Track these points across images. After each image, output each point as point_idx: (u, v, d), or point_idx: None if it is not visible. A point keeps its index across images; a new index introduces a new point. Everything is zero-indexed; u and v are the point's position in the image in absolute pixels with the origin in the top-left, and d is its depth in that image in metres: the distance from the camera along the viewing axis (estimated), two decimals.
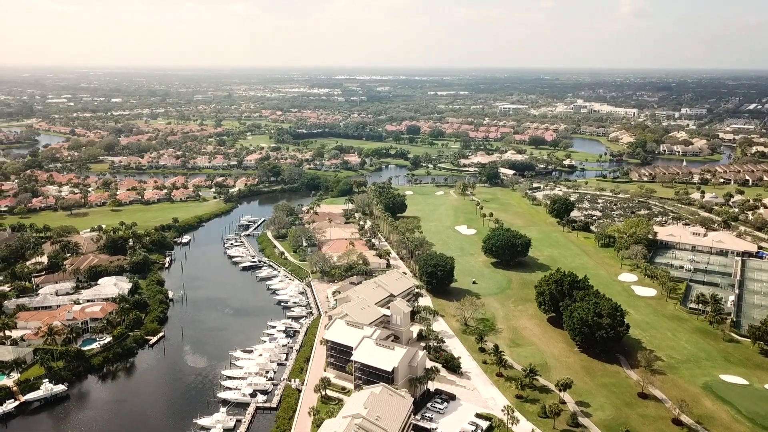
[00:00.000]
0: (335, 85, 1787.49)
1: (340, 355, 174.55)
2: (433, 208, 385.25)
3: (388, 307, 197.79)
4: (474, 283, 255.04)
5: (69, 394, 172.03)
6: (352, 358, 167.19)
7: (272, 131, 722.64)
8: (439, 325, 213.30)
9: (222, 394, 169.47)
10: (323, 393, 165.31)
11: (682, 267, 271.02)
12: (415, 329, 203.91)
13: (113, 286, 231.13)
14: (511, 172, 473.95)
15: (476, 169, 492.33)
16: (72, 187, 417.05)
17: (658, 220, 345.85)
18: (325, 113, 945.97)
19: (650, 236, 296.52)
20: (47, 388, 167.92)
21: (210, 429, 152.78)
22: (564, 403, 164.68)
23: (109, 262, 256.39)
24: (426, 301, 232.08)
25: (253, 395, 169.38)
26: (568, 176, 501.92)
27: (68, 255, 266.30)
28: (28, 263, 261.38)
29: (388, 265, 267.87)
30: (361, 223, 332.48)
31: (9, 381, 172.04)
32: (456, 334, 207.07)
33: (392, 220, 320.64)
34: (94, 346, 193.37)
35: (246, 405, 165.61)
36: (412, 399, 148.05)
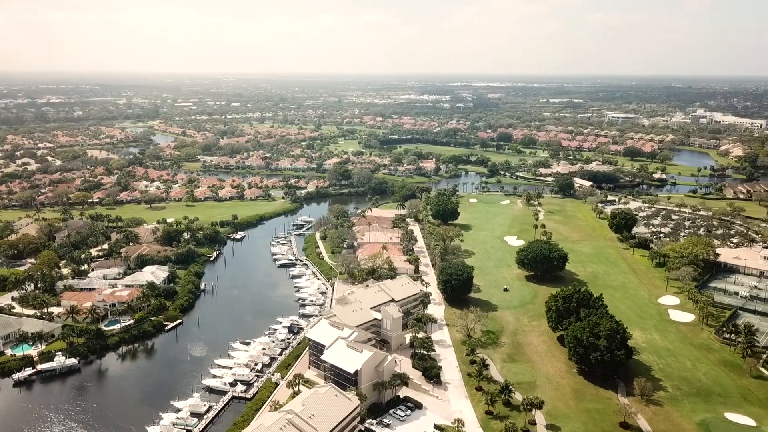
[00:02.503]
0: (447, 92, 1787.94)
1: (317, 353, 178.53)
2: (490, 217, 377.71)
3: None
4: (505, 290, 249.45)
5: (80, 367, 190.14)
6: (322, 357, 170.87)
7: (364, 137, 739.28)
8: (442, 334, 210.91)
9: (206, 381, 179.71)
10: (295, 389, 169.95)
11: (736, 293, 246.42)
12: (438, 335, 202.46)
13: (150, 274, 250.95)
14: (587, 183, 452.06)
15: (554, 179, 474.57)
16: (161, 183, 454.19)
17: (734, 241, 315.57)
18: (423, 120, 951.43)
19: (711, 257, 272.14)
20: (60, 360, 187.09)
21: (180, 411, 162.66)
22: (534, 423, 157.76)
23: (157, 252, 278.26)
24: (437, 309, 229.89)
25: (233, 384, 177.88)
26: (656, 190, 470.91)
27: (129, 244, 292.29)
28: (94, 249, 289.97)
29: (416, 271, 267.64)
30: (409, 228, 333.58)
31: (33, 351, 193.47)
32: (455, 344, 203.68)
33: (431, 226, 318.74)
34: (116, 327, 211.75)
35: (225, 393, 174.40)
36: (359, 402, 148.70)
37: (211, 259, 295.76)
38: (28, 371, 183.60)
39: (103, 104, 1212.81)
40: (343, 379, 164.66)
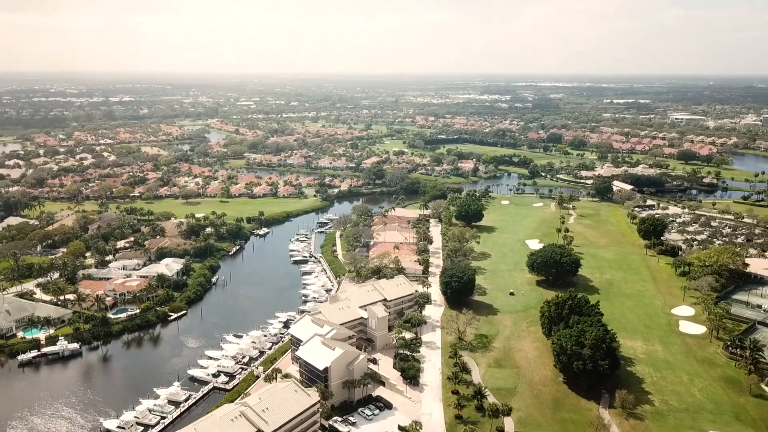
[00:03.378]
0: (509, 92, 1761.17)
1: (297, 349, 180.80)
2: (518, 219, 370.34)
3: None
4: (511, 294, 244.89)
5: (82, 352, 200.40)
6: (297, 353, 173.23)
7: (411, 136, 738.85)
8: (433, 336, 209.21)
9: (191, 371, 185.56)
10: (273, 383, 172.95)
11: (759, 306, 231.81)
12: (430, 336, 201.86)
13: (164, 266, 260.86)
14: (628, 187, 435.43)
15: (594, 181, 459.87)
16: (202, 179, 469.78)
17: None
18: (476, 120, 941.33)
19: (739, 267, 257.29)
20: (62, 344, 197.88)
21: (159, 397, 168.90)
22: (501, 430, 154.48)
23: (177, 245, 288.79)
24: (437, 310, 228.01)
25: (216, 375, 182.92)
26: (706, 195, 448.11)
27: (156, 237, 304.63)
28: (123, 241, 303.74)
29: (425, 272, 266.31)
30: (430, 228, 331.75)
31: (41, 335, 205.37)
32: (444, 347, 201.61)
33: (446, 227, 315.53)
34: (122, 315, 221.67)
35: (207, 383, 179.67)
36: (317, 399, 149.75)
37: (230, 253, 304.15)
38: (32, 353, 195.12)
39: (170, 103, 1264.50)
40: (314, 376, 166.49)
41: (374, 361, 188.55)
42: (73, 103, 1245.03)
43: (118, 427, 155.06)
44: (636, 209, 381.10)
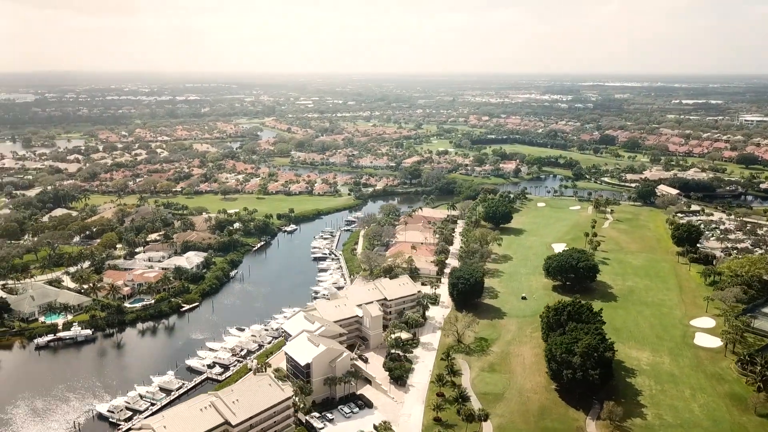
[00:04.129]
0: (571, 92, 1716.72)
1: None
2: (551, 222, 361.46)
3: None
4: (523, 299, 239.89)
5: (95, 338, 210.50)
6: (283, 348, 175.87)
7: (459, 136, 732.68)
8: (432, 337, 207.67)
9: (189, 361, 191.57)
10: (268, 374, 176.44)
11: None
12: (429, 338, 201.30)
13: (185, 259, 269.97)
14: (674, 191, 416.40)
15: (637, 185, 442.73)
16: (244, 176, 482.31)
17: None
18: (530, 120, 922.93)
19: None
20: (76, 330, 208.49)
21: (151, 383, 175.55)
22: None
23: (202, 239, 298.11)
24: (443, 312, 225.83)
25: (211, 366, 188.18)
26: (763, 202, 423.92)
27: (186, 230, 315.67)
28: (155, 234, 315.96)
29: (439, 273, 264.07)
30: (455, 229, 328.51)
31: (60, 320, 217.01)
32: (440, 348, 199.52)
33: (466, 229, 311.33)
34: (138, 305, 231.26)
35: (202, 373, 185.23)
36: (291, 394, 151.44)
37: (254, 249, 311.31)
38: (49, 337, 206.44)
39: (231, 102, 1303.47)
40: (298, 371, 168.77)
41: (365, 360, 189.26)
42: (141, 101, 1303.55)
43: (108, 410, 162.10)
44: (678, 215, 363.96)
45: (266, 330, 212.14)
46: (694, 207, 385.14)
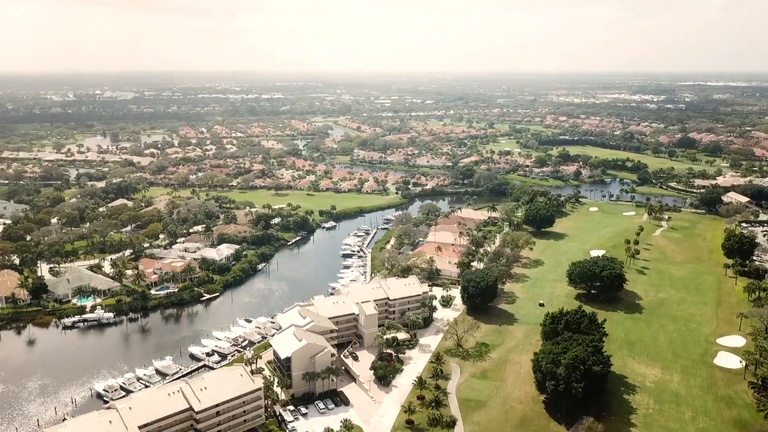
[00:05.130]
0: (665, 92, 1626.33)
1: None
2: (598, 228, 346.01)
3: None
4: (540, 305, 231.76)
5: (116, 321, 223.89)
6: (270, 341, 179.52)
7: (529, 136, 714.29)
8: (432, 339, 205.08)
9: (191, 348, 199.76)
10: (252, 366, 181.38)
11: None
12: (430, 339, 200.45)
13: (216, 251, 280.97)
14: (744, 199, 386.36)
15: (703, 191, 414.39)
16: (302, 172, 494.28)
17: None
18: (609, 121, 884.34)
19: None
20: (99, 313, 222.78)
21: (149, 366, 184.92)
22: None
23: (238, 232, 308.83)
24: (452, 314, 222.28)
25: (210, 354, 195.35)
26: None
27: (229, 223, 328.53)
28: (200, 226, 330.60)
29: (461, 275, 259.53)
30: (488, 231, 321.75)
31: (89, 303, 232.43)
32: (437, 351, 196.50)
33: (498, 230, 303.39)
34: (162, 292, 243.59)
35: (201, 360, 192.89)
36: (260, 386, 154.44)
37: (288, 243, 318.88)
38: (75, 318, 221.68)
39: (312, 100, 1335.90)
40: (280, 364, 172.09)
41: (355, 358, 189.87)
42: (228, 99, 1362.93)
43: (103, 390, 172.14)
44: (742, 224, 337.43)
45: (272, 323, 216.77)
46: (763, 216, 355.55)
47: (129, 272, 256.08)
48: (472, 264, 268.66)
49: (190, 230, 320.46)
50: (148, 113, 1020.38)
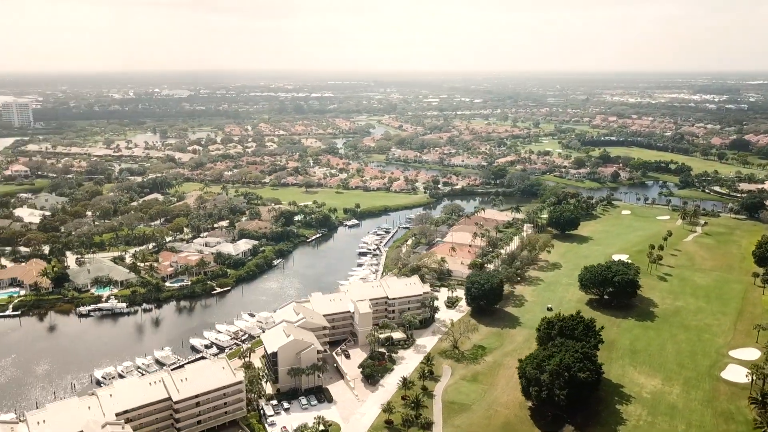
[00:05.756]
0: (729, 92, 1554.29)
1: None
2: (627, 231, 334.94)
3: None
4: (548, 310, 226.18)
5: (129, 311, 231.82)
6: (261, 336, 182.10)
7: (573, 136, 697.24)
8: (429, 340, 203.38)
9: (192, 340, 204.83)
10: (245, 360, 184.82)
11: None
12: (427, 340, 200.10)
13: (233, 246, 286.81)
14: None
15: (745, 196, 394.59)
16: (335, 170, 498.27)
17: None
18: (660, 121, 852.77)
19: None
20: (112, 303, 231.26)
21: (148, 355, 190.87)
22: None
23: (258, 228, 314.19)
24: (455, 316, 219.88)
25: (208, 347, 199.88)
26: None
27: (253, 219, 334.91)
28: (223, 222, 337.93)
29: None
30: (510, 232, 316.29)
31: (105, 293, 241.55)
32: (432, 352, 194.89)
33: (515, 232, 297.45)
34: (176, 285, 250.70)
35: (200, 352, 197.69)
36: (242, 379, 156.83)
37: (308, 240, 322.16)
38: (90, 307, 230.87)
39: (359, 99, 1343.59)
40: (269, 359, 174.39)
41: (347, 356, 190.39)
42: (278, 97, 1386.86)
43: (101, 377, 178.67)
44: None
45: (273, 317, 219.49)
46: None
47: (142, 264, 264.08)
48: (485, 266, 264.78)
49: (214, 225, 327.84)
50: (199, 111, 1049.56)
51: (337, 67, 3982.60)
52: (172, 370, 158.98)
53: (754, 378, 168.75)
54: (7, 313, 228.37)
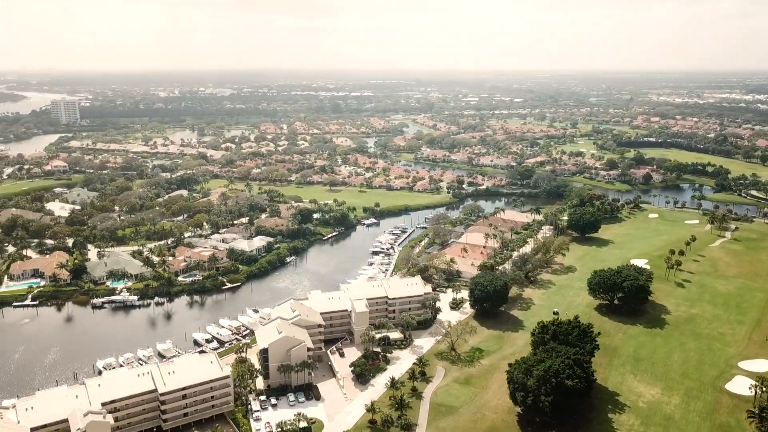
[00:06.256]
0: None
1: None
2: (649, 235, 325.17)
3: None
4: (555, 314, 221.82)
5: (140, 304, 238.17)
6: (256, 332, 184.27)
7: (609, 137, 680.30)
8: (426, 341, 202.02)
9: (195, 334, 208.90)
10: (240, 354, 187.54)
11: None
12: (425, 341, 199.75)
13: (247, 242, 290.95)
14: None
15: None
16: (363, 169, 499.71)
17: None
18: (705, 122, 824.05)
19: None
20: (124, 296, 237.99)
21: (149, 347, 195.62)
22: None
23: (275, 225, 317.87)
24: (457, 317, 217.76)
25: (209, 341, 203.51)
26: None
27: (273, 216, 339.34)
28: (243, 218, 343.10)
29: None
30: (528, 234, 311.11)
31: (119, 286, 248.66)
32: (428, 353, 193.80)
33: (528, 233, 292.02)
34: (188, 279, 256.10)
35: (201, 345, 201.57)
36: (230, 373, 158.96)
37: (324, 238, 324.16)
38: (104, 299, 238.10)
39: (397, 98, 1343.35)
40: (261, 355, 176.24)
41: (342, 354, 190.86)
42: (318, 96, 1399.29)
43: (103, 367, 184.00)
44: None
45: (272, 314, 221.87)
46: None
47: (158, 258, 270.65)
48: (496, 267, 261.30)
49: (234, 222, 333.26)
50: (239, 109, 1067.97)
51: (380, 67, 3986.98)
52: (161, 363, 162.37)
53: (758, 391, 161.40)
54: (26, 302, 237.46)
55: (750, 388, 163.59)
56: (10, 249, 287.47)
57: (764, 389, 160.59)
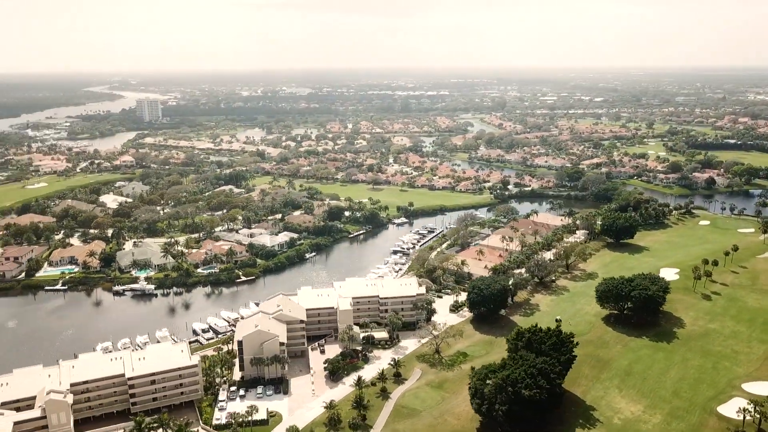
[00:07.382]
0: None
1: None
2: (692, 243, 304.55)
3: None
4: (557, 321, 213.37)
5: (156, 293, 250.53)
6: (237, 324, 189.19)
7: (683, 138, 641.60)
8: (412, 343, 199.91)
9: (195, 324, 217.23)
10: (230, 346, 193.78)
11: None
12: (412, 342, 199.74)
13: (269, 237, 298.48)
14: None
15: None
16: (411, 168, 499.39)
17: None
18: None
19: None
20: (143, 284, 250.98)
21: (147, 335, 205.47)
22: None
23: (302, 222, 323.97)
24: (454, 320, 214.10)
25: (205, 331, 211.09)
26: None
27: (306, 213, 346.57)
28: (278, 214, 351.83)
29: None
30: (558, 237, 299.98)
31: (142, 275, 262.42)
32: (411, 355, 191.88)
33: (549, 236, 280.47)
34: (206, 271, 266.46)
35: (199, 335, 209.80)
36: (197, 363, 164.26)
37: (351, 236, 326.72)
38: (124, 287, 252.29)
39: (472, 97, 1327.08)
40: (238, 346, 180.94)
41: (323, 351, 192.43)
42: (392, 95, 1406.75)
43: (101, 350, 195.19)
44: None
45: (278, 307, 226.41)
46: None
47: (186, 250, 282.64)
48: (509, 271, 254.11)
49: (268, 217, 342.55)
50: (312, 108, 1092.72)
51: (463, 65, 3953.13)
52: (134, 350, 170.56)
53: (746, 416, 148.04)
54: (57, 287, 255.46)
55: (738, 413, 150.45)
56: (59, 237, 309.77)
57: (756, 414, 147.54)
